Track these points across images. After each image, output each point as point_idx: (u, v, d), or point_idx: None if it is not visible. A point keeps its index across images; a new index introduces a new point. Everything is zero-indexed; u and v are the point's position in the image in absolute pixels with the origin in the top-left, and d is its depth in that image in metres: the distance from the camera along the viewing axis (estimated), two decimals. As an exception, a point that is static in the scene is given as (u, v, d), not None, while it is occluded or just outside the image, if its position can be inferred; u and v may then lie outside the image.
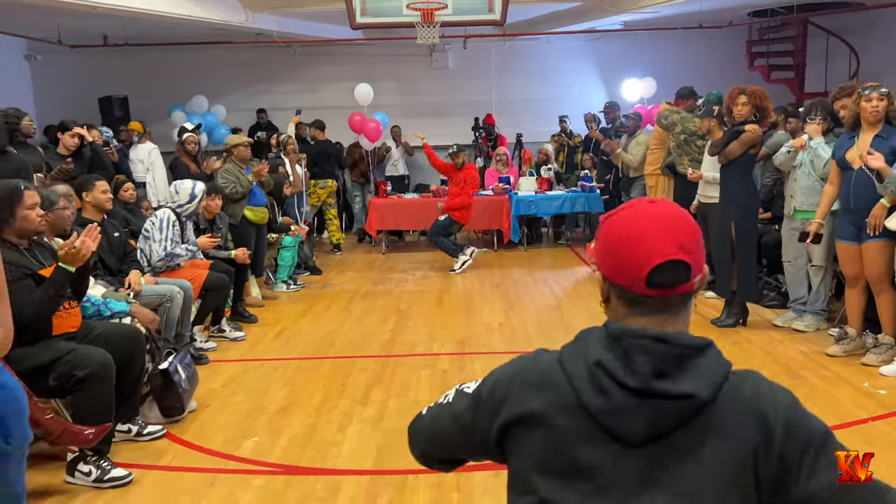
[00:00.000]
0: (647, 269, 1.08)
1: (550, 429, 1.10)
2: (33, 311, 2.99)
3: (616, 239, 1.12)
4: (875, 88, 4.10)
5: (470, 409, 1.23)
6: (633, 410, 1.05)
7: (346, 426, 3.63)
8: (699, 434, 1.05)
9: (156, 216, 4.98)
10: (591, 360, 1.09)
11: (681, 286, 1.10)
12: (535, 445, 1.12)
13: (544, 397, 1.11)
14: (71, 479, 3.06)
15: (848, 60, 9.46)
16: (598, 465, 1.07)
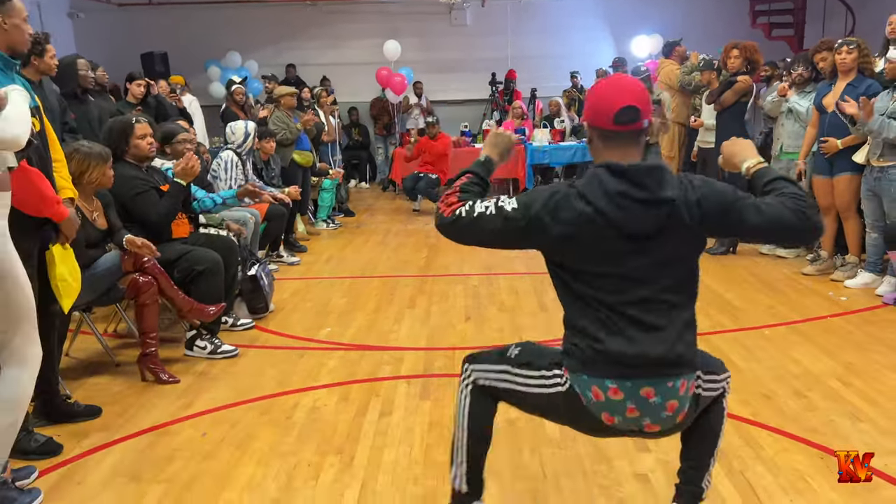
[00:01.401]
0: (613, 112, 1.72)
1: (581, 239, 1.73)
2: (160, 215, 3.79)
3: (596, 97, 1.80)
4: (846, 43, 4.80)
5: (519, 218, 1.75)
6: (646, 216, 1.70)
7: (400, 320, 4.45)
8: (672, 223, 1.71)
9: (220, 157, 5.73)
10: (612, 190, 1.70)
11: (635, 123, 1.74)
12: (571, 250, 1.75)
13: (575, 221, 1.71)
14: (190, 352, 3.88)
15: (844, 19, 10.03)
16: (615, 251, 1.73)
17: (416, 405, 3.20)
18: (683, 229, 1.73)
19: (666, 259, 1.75)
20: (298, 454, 2.79)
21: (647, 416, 1.77)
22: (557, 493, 2.45)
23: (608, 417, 1.78)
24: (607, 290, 1.75)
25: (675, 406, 1.78)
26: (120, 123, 3.95)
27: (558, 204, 1.73)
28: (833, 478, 2.51)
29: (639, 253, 1.73)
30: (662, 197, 1.70)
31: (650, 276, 1.75)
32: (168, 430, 3.04)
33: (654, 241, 1.73)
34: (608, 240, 1.72)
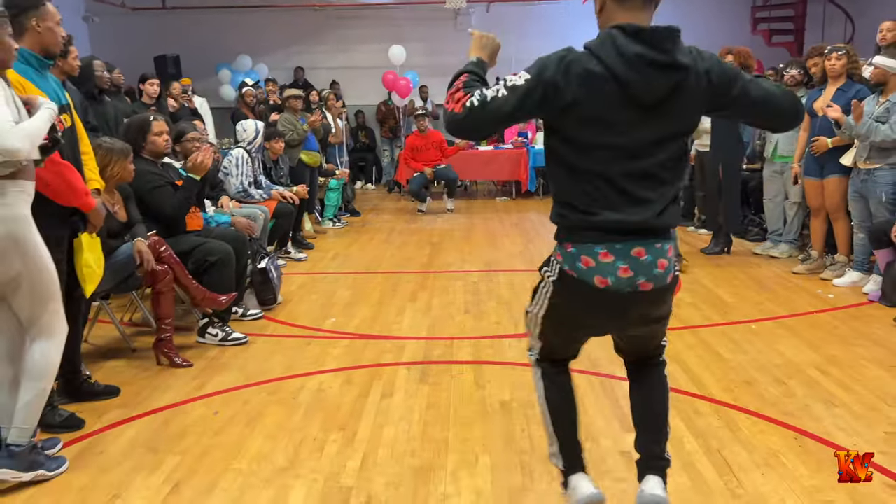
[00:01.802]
0: None
1: (589, 102, 1.71)
2: (174, 208, 3.99)
3: None
4: (835, 49, 4.97)
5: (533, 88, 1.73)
6: (660, 80, 1.70)
7: (402, 312, 4.63)
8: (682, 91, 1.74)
9: (231, 155, 5.95)
10: (628, 52, 1.67)
11: None
12: (578, 115, 1.73)
13: (586, 82, 1.70)
14: (202, 339, 4.07)
15: (844, 26, 10.20)
16: (619, 120, 1.73)
17: (416, 388, 3.38)
18: (689, 100, 1.75)
19: (666, 134, 1.77)
20: (304, 430, 2.98)
21: (640, 274, 1.80)
22: (544, 464, 2.63)
23: (601, 280, 1.80)
24: (605, 161, 1.76)
25: (665, 265, 1.84)
26: (138, 120, 4.17)
27: (570, 65, 1.71)
28: (804, 454, 2.69)
29: (642, 124, 1.74)
30: (679, 61, 1.70)
31: (649, 150, 1.77)
32: (182, 408, 3.24)
33: (659, 112, 1.73)
34: (615, 107, 1.71)
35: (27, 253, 2.45)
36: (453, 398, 3.26)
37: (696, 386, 3.35)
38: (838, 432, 2.86)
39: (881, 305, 4.53)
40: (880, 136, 4.58)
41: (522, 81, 1.73)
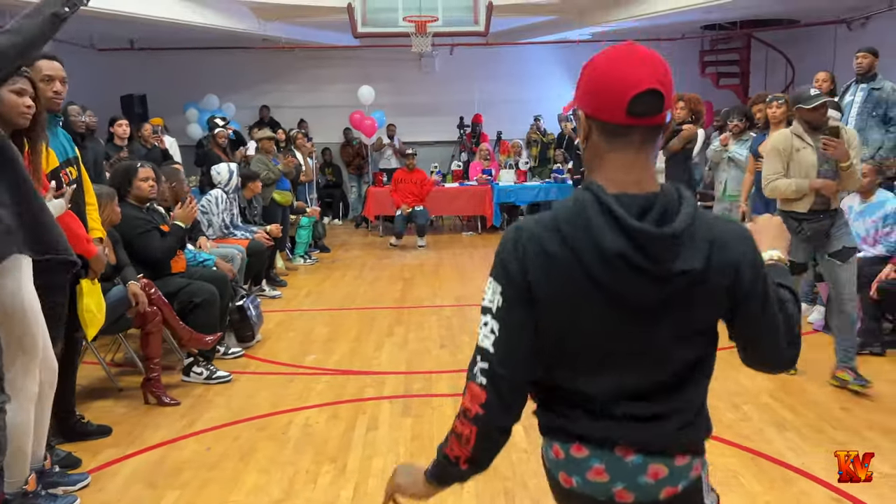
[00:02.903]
0: (628, 98, 1.13)
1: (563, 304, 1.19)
2: (161, 252, 4.15)
3: (599, 74, 1.18)
4: (776, 98, 5.40)
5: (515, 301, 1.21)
6: (650, 290, 1.16)
7: (380, 347, 4.83)
8: (692, 292, 1.19)
9: (210, 195, 6.12)
10: (606, 247, 1.14)
11: (655, 116, 1.16)
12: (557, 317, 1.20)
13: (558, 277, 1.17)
14: (186, 378, 4.20)
15: (785, 70, 10.86)
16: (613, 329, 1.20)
17: (400, 421, 3.57)
18: (700, 300, 1.22)
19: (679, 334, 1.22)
20: (296, 463, 3.14)
21: (618, 479, 1.25)
22: (524, 490, 2.85)
23: (565, 478, 1.30)
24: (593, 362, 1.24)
25: (661, 474, 1.25)
26: (124, 166, 4.33)
27: (526, 253, 1.20)
28: (759, 473, 2.96)
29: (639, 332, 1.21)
30: (676, 271, 1.17)
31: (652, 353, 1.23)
32: (175, 445, 3.36)
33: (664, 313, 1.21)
34: (595, 304, 1.19)
35: (15, 305, 2.46)
36: (435, 430, 3.45)
37: (659, 413, 3.62)
38: (789, 452, 3.14)
39: (824, 334, 4.89)
40: (819, 179, 4.99)
41: (499, 297, 1.22)
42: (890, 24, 8.94)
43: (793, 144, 3.89)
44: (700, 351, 1.26)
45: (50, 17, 2.32)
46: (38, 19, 2.33)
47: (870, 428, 3.39)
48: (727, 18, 10.33)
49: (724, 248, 1.20)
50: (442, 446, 1.30)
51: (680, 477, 1.26)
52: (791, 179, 3.86)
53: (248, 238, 6.09)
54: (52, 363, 2.74)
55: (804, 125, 3.88)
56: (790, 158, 3.88)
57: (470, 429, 1.25)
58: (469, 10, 9.32)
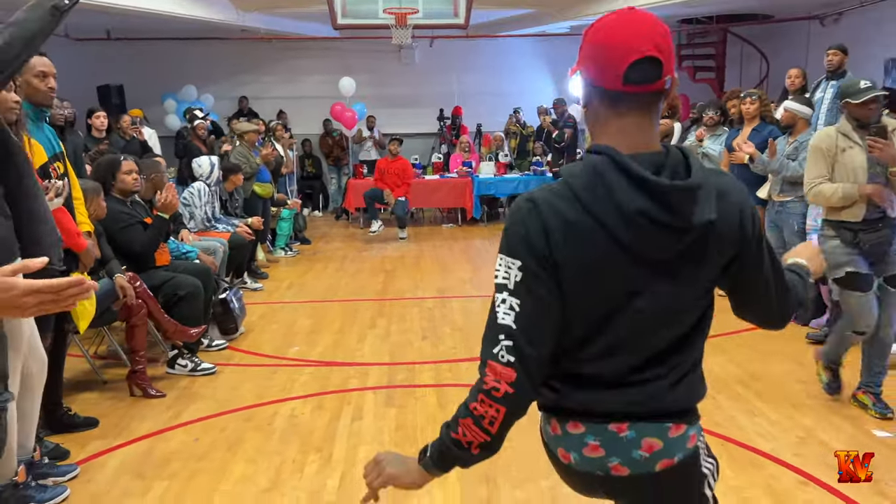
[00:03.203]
0: (625, 66, 1.15)
1: (586, 268, 1.21)
2: (145, 245, 4.17)
3: (597, 44, 1.19)
4: (749, 94, 5.54)
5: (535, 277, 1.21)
6: (671, 243, 1.19)
7: (363, 339, 4.89)
8: (705, 243, 1.23)
9: (193, 188, 6.13)
10: (626, 206, 1.16)
11: (654, 83, 1.17)
12: (578, 281, 1.22)
13: (578, 241, 1.19)
14: (171, 370, 4.24)
15: (759, 64, 11.05)
16: (636, 284, 1.23)
17: (384, 412, 3.65)
18: (712, 258, 1.27)
19: (690, 290, 1.28)
20: (283, 453, 3.20)
21: (614, 454, 1.30)
22: (505, 475, 2.94)
23: (563, 454, 1.35)
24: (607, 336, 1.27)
25: (655, 447, 1.29)
26: (108, 160, 4.34)
27: (545, 222, 1.21)
28: (730, 459, 3.08)
29: (657, 288, 1.25)
30: (697, 223, 1.21)
31: (663, 318, 1.27)
32: (162, 436, 3.41)
33: (680, 267, 1.25)
34: (616, 264, 1.22)
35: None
36: (419, 419, 3.54)
37: (636, 401, 3.73)
38: (759, 438, 3.27)
39: (795, 324, 5.05)
40: (790, 172, 5.12)
41: (518, 275, 1.22)
42: (861, 20, 9.15)
43: (837, 144, 3.49)
44: (703, 308, 1.32)
45: (50, 9, 2.34)
46: (38, 13, 2.35)
47: (836, 414, 3.53)
48: (703, 13, 10.49)
49: (727, 197, 1.25)
50: (450, 432, 1.29)
51: (675, 448, 1.29)
52: (837, 184, 3.44)
53: (230, 231, 6.11)
54: (41, 356, 2.78)
55: (852, 122, 3.50)
56: (835, 160, 3.47)
57: (497, 409, 1.23)
58: (449, 2, 9.35)
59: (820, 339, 4.61)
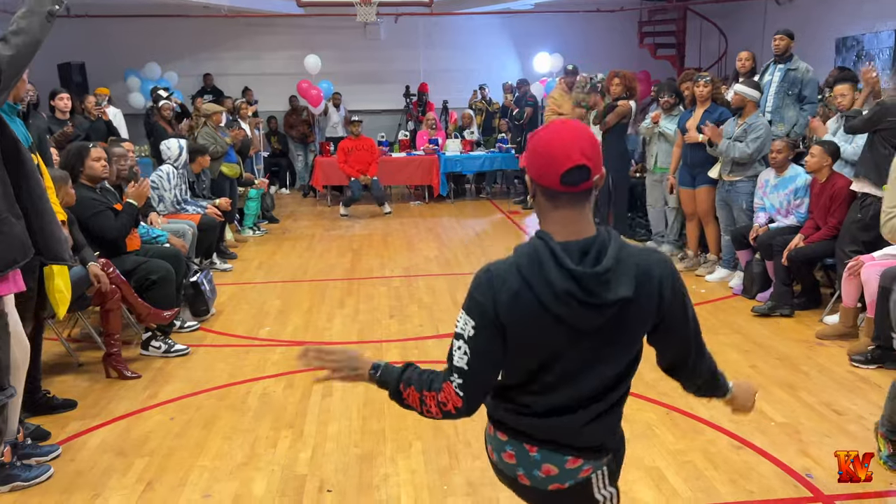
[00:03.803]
0: (560, 172, 1.43)
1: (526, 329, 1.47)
2: (116, 231, 4.28)
3: (538, 152, 1.48)
4: (702, 77, 5.76)
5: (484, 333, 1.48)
6: (593, 316, 1.45)
7: (332, 318, 5.07)
8: (626, 314, 1.47)
9: (161, 171, 6.19)
10: (556, 286, 1.43)
11: (584, 183, 1.46)
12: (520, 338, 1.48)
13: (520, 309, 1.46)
14: (145, 352, 4.37)
15: (718, 41, 11.31)
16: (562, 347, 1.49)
17: (352, 388, 3.84)
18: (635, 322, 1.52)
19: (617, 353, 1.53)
20: (256, 430, 3.39)
21: (521, 466, 1.60)
22: (467, 447, 3.17)
23: (490, 452, 1.68)
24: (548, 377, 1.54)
25: (551, 472, 1.58)
26: (76, 147, 4.41)
27: (496, 292, 1.47)
28: (672, 426, 3.34)
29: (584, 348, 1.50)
30: (612, 300, 1.45)
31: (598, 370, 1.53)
32: (140, 416, 3.57)
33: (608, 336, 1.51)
34: (550, 330, 1.48)
35: None
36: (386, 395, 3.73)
37: (590, 374, 3.98)
38: (700, 407, 3.53)
39: (743, 298, 5.35)
40: (737, 153, 5.38)
41: (472, 330, 1.51)
42: (814, 1, 9.43)
43: None
44: (628, 363, 1.56)
45: (46, 15, 2.43)
46: (37, 20, 2.43)
47: (773, 383, 3.82)
48: (664, -9, 10.69)
49: (649, 273, 1.49)
50: (400, 383, 1.62)
51: (567, 477, 1.59)
52: None
53: (199, 213, 6.20)
54: (24, 342, 2.91)
55: None
56: None
57: (438, 412, 1.58)
58: (414, -20, 9.42)
59: (764, 311, 4.91)
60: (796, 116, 5.77)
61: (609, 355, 1.53)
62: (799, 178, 5.08)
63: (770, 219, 5.21)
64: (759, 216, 5.27)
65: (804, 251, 4.81)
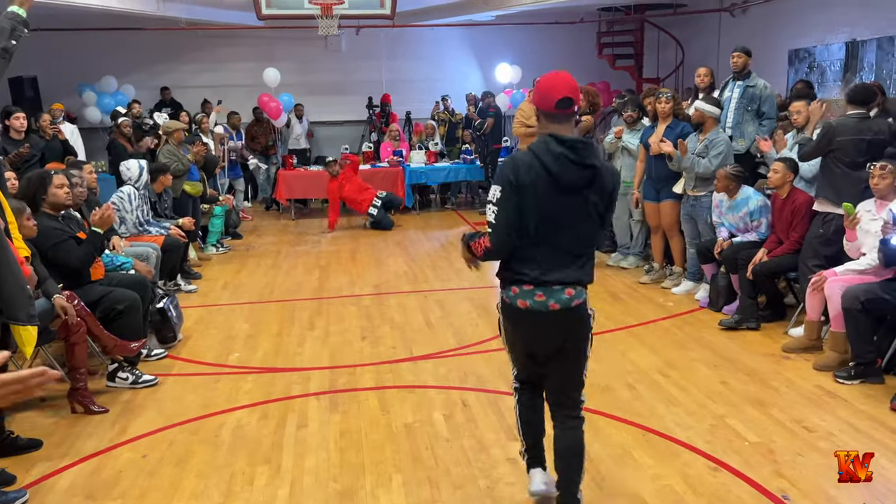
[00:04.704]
0: (555, 100, 2.43)
1: (532, 186, 2.42)
2: (79, 262, 4.16)
3: (541, 90, 2.47)
4: (664, 94, 5.87)
5: (509, 192, 2.45)
6: (578, 171, 2.43)
7: (303, 342, 5.01)
8: (594, 180, 2.46)
9: (122, 192, 6.05)
10: (555, 151, 2.42)
11: (569, 108, 2.46)
12: (528, 194, 2.43)
13: (532, 174, 2.42)
14: (112, 383, 4.26)
15: (675, 52, 11.52)
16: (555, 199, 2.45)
17: (328, 418, 3.80)
18: (596, 193, 2.47)
19: (586, 214, 2.49)
20: (232, 466, 3.32)
21: (551, 297, 2.49)
22: (448, 477, 3.16)
23: (522, 302, 2.52)
24: (541, 232, 2.47)
25: (571, 293, 2.52)
26: (38, 175, 4.27)
27: (517, 167, 2.44)
28: (650, 448, 3.38)
29: (569, 207, 2.46)
30: (588, 163, 2.44)
31: (576, 226, 2.49)
32: (109, 454, 3.47)
33: (579, 198, 2.45)
34: (548, 188, 2.43)
35: None
36: (363, 424, 3.71)
37: (565, 395, 4.00)
38: (676, 427, 3.59)
39: (709, 311, 5.45)
40: (701, 168, 5.49)
41: (500, 193, 2.47)
42: (767, 12, 9.67)
43: None
44: (598, 222, 2.54)
45: (1, 52, 2.34)
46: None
47: (745, 400, 3.89)
48: (622, 2, 10.84)
49: (610, 170, 2.58)
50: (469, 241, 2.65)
51: (578, 296, 2.55)
52: None
53: (163, 234, 6.07)
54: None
55: None
56: None
57: (482, 253, 2.59)
58: (375, -8, 9.38)
59: (731, 325, 5.01)
60: (755, 132, 5.91)
61: (584, 217, 2.50)
62: (751, 201, 5.16)
63: (732, 234, 5.31)
64: (721, 231, 5.38)
65: (768, 265, 4.92)
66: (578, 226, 2.49)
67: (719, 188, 5.24)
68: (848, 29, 8.23)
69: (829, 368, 4.22)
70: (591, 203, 2.47)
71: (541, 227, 2.46)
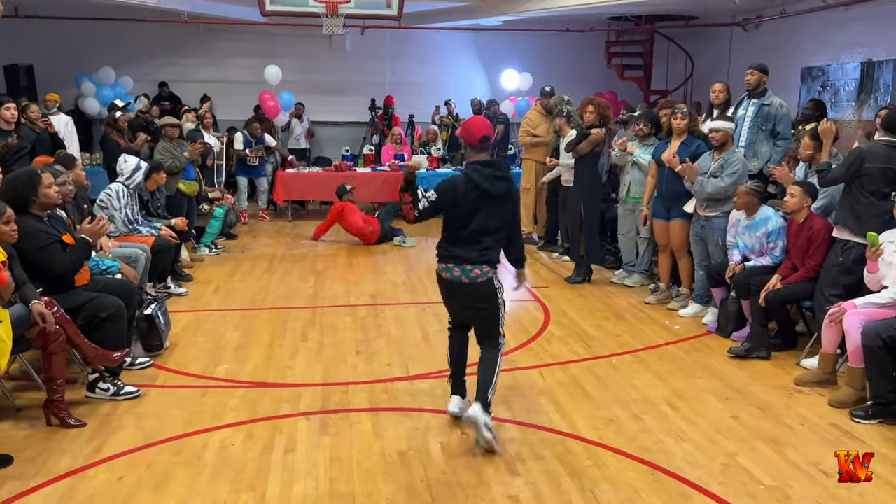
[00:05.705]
0: (477, 138, 3.54)
1: (463, 197, 3.47)
2: (65, 267, 3.95)
3: (468, 129, 3.59)
4: (680, 110, 5.67)
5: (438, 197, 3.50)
6: (498, 184, 3.49)
7: (295, 355, 4.80)
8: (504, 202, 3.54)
9: (110, 189, 5.83)
10: (484, 172, 3.48)
11: (487, 143, 3.57)
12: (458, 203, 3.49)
13: (462, 188, 3.47)
14: (92, 394, 4.04)
15: (685, 64, 11.35)
16: (480, 206, 3.49)
17: (318, 441, 3.59)
18: (510, 200, 3.57)
19: (500, 216, 3.54)
20: (215, 492, 3.11)
21: (463, 274, 3.49)
22: None
23: (445, 274, 3.55)
24: (466, 227, 3.49)
25: (477, 272, 3.49)
26: (27, 174, 4.04)
27: (454, 183, 3.50)
28: (659, 489, 3.18)
29: (488, 211, 3.49)
30: (507, 175, 3.57)
31: (490, 224, 3.51)
32: (84, 474, 3.25)
33: (498, 205, 3.50)
34: (477, 198, 3.45)
35: None
36: (354, 451, 3.50)
37: (567, 425, 3.80)
38: (686, 466, 3.39)
39: (717, 336, 5.25)
40: (712, 188, 5.29)
41: (434, 197, 3.50)
42: (780, 28, 9.50)
43: None
44: (508, 224, 3.60)
45: None
46: None
47: (757, 437, 3.70)
48: (632, 13, 10.67)
49: (511, 186, 3.58)
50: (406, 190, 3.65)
51: (484, 274, 3.51)
52: None
53: (154, 234, 5.86)
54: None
55: None
56: None
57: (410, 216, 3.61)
58: (383, -8, 9.20)
59: (741, 353, 4.81)
60: (769, 151, 5.73)
61: (498, 214, 3.52)
62: (770, 222, 4.97)
63: (745, 257, 5.12)
64: (733, 254, 5.18)
65: (782, 293, 4.73)
66: (491, 222, 3.50)
67: (739, 205, 5.03)
68: (864, 48, 8.07)
69: (845, 405, 4.02)
70: (507, 204, 3.55)
71: (465, 222, 3.48)
